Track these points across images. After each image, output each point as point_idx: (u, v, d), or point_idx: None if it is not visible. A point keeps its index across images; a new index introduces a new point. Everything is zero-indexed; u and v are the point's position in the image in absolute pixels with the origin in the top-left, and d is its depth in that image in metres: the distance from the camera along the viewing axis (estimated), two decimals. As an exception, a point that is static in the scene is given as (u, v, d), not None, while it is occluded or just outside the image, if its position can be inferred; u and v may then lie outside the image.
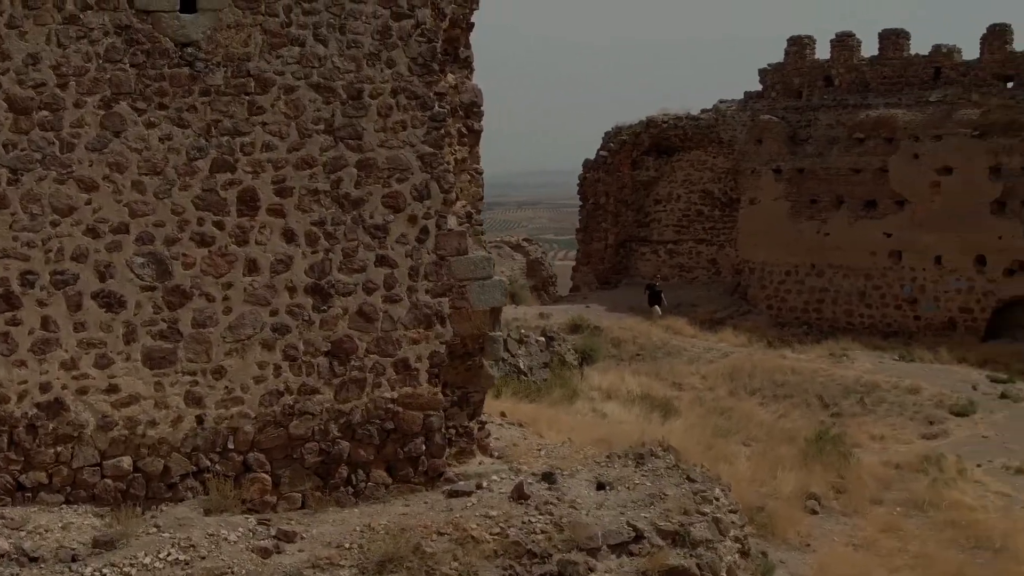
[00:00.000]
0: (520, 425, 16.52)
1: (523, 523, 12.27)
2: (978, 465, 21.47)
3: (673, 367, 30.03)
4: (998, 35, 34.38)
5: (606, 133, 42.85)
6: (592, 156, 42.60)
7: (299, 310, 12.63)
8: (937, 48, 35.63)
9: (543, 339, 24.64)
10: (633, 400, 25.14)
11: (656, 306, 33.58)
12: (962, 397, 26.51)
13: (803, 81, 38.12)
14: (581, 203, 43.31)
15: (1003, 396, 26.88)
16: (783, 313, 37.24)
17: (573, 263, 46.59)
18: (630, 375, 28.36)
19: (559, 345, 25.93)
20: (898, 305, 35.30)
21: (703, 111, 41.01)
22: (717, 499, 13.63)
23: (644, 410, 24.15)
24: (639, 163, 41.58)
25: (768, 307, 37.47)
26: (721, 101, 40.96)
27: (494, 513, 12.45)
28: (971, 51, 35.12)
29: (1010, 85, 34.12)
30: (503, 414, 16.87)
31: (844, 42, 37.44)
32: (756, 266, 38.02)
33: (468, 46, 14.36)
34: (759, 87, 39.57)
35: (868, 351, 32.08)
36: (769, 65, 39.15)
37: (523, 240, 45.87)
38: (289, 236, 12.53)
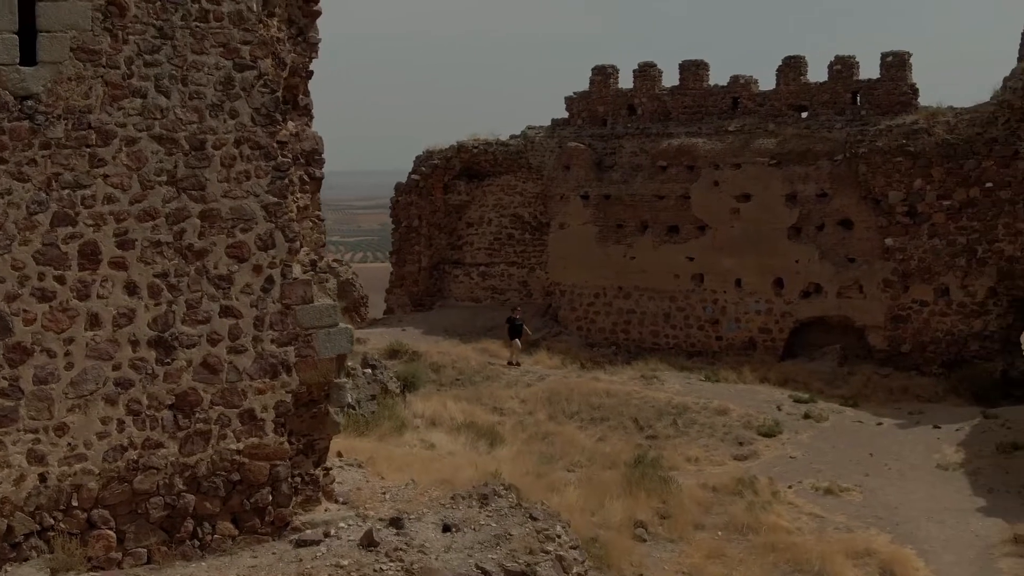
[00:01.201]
0: (359, 466, 16.62)
1: (374, 571, 12.44)
2: (789, 486, 22.59)
3: (493, 392, 30.44)
4: (793, 67, 36.17)
5: (417, 157, 43.14)
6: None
7: (142, 364, 12.51)
8: (735, 79, 37.22)
9: (369, 370, 24.74)
10: (458, 428, 25.48)
11: (516, 339, 33.85)
12: (768, 418, 27.75)
13: (608, 109, 39.25)
14: (394, 226, 43.46)
15: (806, 416, 28.25)
16: (592, 334, 38.24)
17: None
18: (452, 401, 28.67)
19: (381, 373, 26.05)
20: (701, 326, 36.71)
21: (512, 136, 41.73)
22: (559, 536, 14.09)
23: (470, 439, 24.52)
24: (451, 187, 42.01)
25: (578, 328, 38.42)
26: (529, 127, 41.76)
27: (345, 562, 12.57)
28: (767, 82, 36.89)
29: (804, 115, 35.90)
30: (340, 454, 16.93)
31: (646, 72, 38.73)
32: (566, 288, 38.94)
33: (307, 93, 14.46)
34: (566, 114, 40.51)
35: (676, 372, 33.20)
36: (575, 93, 40.15)
37: (333, 261, 45.57)
38: (131, 289, 12.39)
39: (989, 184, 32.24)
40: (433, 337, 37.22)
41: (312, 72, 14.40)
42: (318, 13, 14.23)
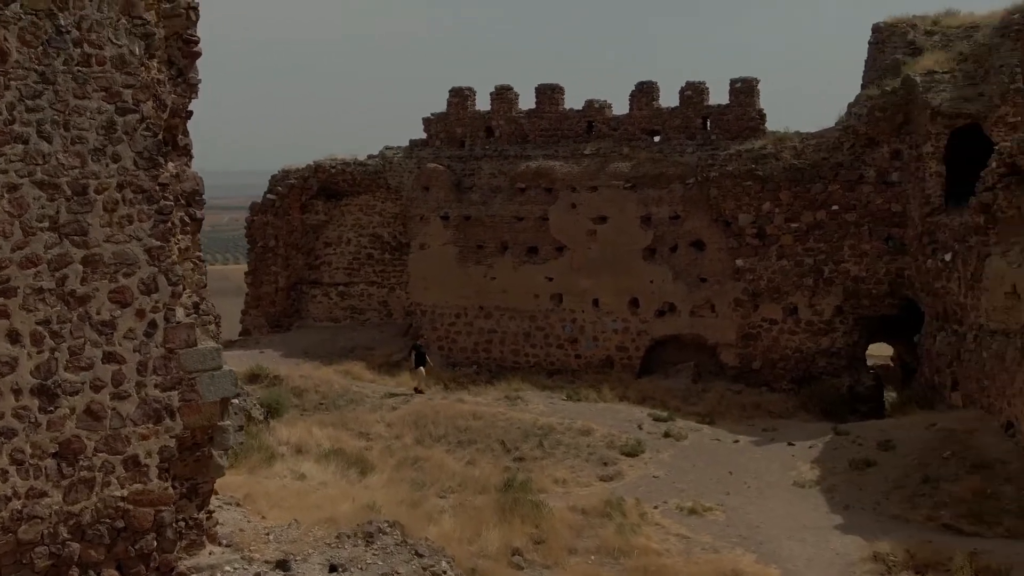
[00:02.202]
0: (238, 504, 16.54)
1: (265, 615, 12.49)
2: (655, 507, 23.18)
3: (358, 416, 30.42)
4: (645, 92, 37.13)
5: (273, 176, 42.83)
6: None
7: (25, 412, 12.30)
8: (590, 103, 38.01)
9: (235, 402, 24.48)
10: (327, 455, 25.43)
11: (421, 367, 33.71)
12: (631, 437, 28.40)
13: (465, 131, 39.65)
14: (250, 246, 43.03)
15: (667, 435, 29.01)
16: (454, 353, 38.55)
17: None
18: (317, 427, 28.59)
19: (244, 400, 25.85)
20: (560, 345, 37.36)
21: (370, 157, 41.75)
22: (444, 572, 14.35)
23: (340, 467, 24.52)
24: (308, 207, 41.82)
25: (440, 348, 38.65)
26: (387, 148, 41.86)
27: (235, 607, 12.58)
28: (621, 106, 37.73)
29: (657, 139, 36.91)
30: (215, 492, 16.82)
31: (503, 95, 39.25)
32: (427, 308, 39.16)
33: (186, 133, 14.39)
34: (423, 135, 40.74)
35: (538, 391, 33.71)
36: (432, 114, 40.42)
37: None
38: (14, 337, 12.18)
39: (835, 207, 33.73)
40: (293, 359, 36.99)
41: (191, 112, 14.36)
42: (198, 54, 14.19)
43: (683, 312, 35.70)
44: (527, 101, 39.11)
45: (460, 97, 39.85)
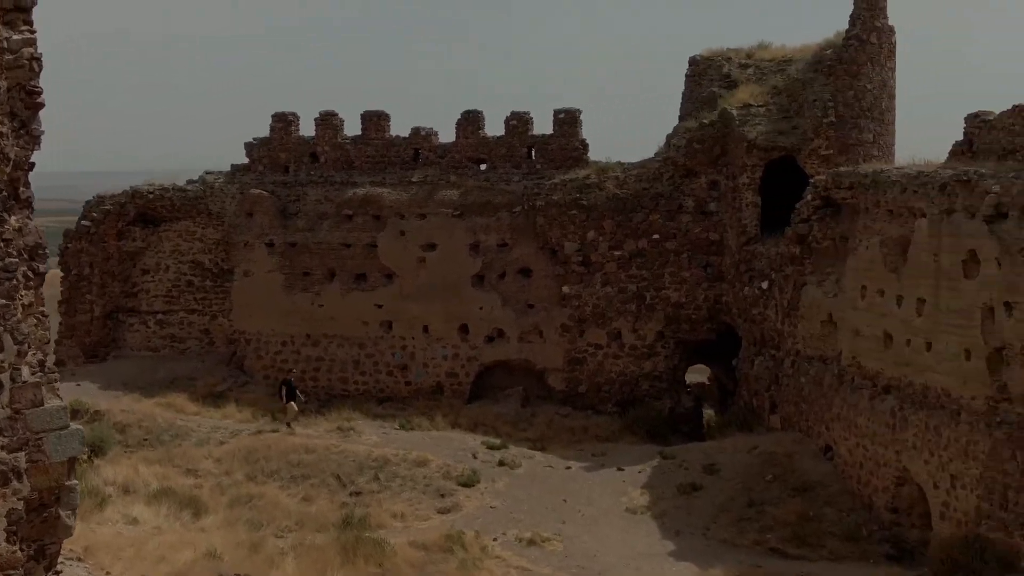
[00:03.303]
0: (79, 559, 16.08)
1: None
2: (495, 539, 23.51)
3: (185, 451, 29.80)
4: (471, 121, 37.51)
5: (87, 203, 41.43)
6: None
7: None
8: (416, 130, 38.16)
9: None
10: (156, 496, 24.88)
11: (292, 402, 32.91)
12: (466, 467, 28.66)
13: (290, 156, 39.23)
14: (63, 274, 41.51)
15: (501, 463, 29.38)
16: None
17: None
18: (143, 465, 27.96)
19: (67, 440, 24.99)
20: (390, 372, 37.32)
21: (189, 182, 40.84)
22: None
23: (172, 509, 24.03)
24: (125, 233, 40.61)
25: (265, 377, 38.07)
26: (208, 172, 41.06)
27: (90, 674, 12.26)
28: (447, 134, 37.97)
29: (483, 167, 37.33)
30: (56, 547, 16.29)
31: (328, 121, 39.01)
32: (252, 337, 38.56)
33: (28, 185, 13.94)
34: (246, 160, 40.10)
35: (370, 420, 33.59)
36: (255, 139, 39.86)
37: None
38: None
39: (656, 236, 34.83)
40: (112, 392, 35.86)
41: (34, 164, 13.93)
42: (41, 105, 13.77)
43: (512, 338, 36.19)
44: (353, 127, 38.97)
45: (284, 122, 39.41)
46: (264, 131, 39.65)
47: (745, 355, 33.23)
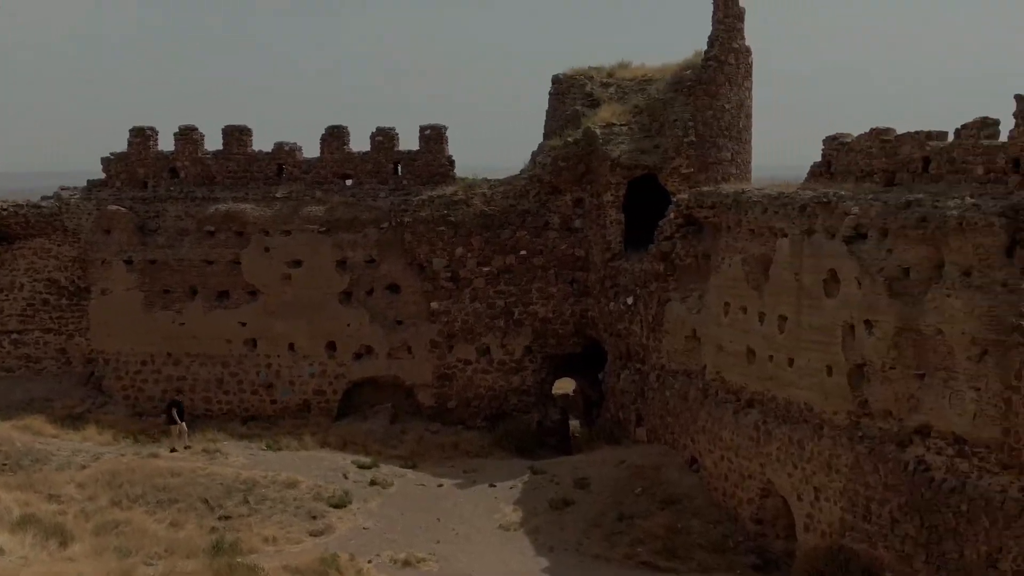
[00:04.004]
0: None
1: None
2: (369, 561, 23.47)
3: (46, 476, 28.94)
4: (336, 136, 37.28)
5: (-65, 219, 39.89)
6: None
7: None
8: (280, 145, 37.74)
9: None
10: (20, 524, 24.22)
11: (180, 423, 31.85)
12: (337, 488, 28.48)
13: (148, 172, 38.37)
14: (-92, 294, 39.85)
15: (373, 483, 29.28)
16: (141, 402, 37.17)
17: None
18: (3, 491, 27.17)
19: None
20: (255, 391, 36.79)
21: (44, 198, 39.64)
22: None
23: (38, 538, 23.43)
24: (-24, 251, 39.22)
25: (125, 397, 37.21)
26: (63, 188, 39.93)
27: None
28: (311, 150, 37.72)
29: (349, 183, 37.15)
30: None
31: (188, 135, 38.27)
32: (111, 356, 37.61)
33: None
34: (103, 175, 39.13)
35: (236, 441, 33.05)
36: (112, 154, 38.91)
37: None
38: None
39: (523, 252, 35.22)
40: (-35, 417, 34.62)
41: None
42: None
43: (380, 354, 36.09)
44: (214, 142, 38.38)
45: (142, 137, 38.55)
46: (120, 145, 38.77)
47: (611, 369, 33.82)
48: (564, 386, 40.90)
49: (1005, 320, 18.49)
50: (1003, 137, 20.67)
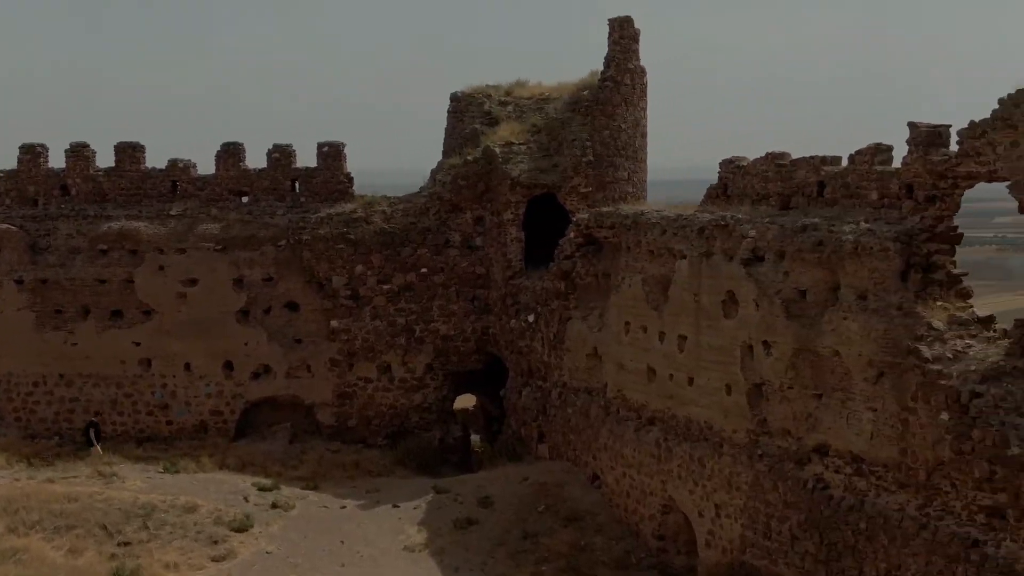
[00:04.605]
0: None
1: None
2: (273, 587, 23.29)
3: (-64, 504, 28.14)
4: (232, 153, 36.85)
5: None
6: None
7: None
8: (174, 162, 37.20)
9: None
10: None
11: (97, 445, 30.98)
12: (238, 511, 28.16)
13: (39, 189, 37.50)
14: None
15: (274, 506, 28.99)
16: (33, 424, 36.32)
17: None
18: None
19: None
20: (150, 411, 36.16)
21: (-71, 215, 38.55)
22: None
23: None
24: None
25: (17, 419, 36.32)
26: (-49, 206, 38.82)
27: None
28: (207, 167, 37.23)
29: (245, 200, 36.77)
30: None
31: (79, 152, 37.47)
32: (2, 378, 36.64)
33: None
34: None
35: (132, 463, 32.44)
36: (0, 172, 37.99)
37: None
38: None
39: (424, 270, 35.27)
40: None
41: None
42: None
43: (279, 373, 35.78)
44: (106, 159, 37.65)
45: (32, 154, 37.67)
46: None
47: (513, 386, 34.05)
48: (463, 399, 41.00)
49: (901, 343, 19.11)
50: (897, 163, 21.37)
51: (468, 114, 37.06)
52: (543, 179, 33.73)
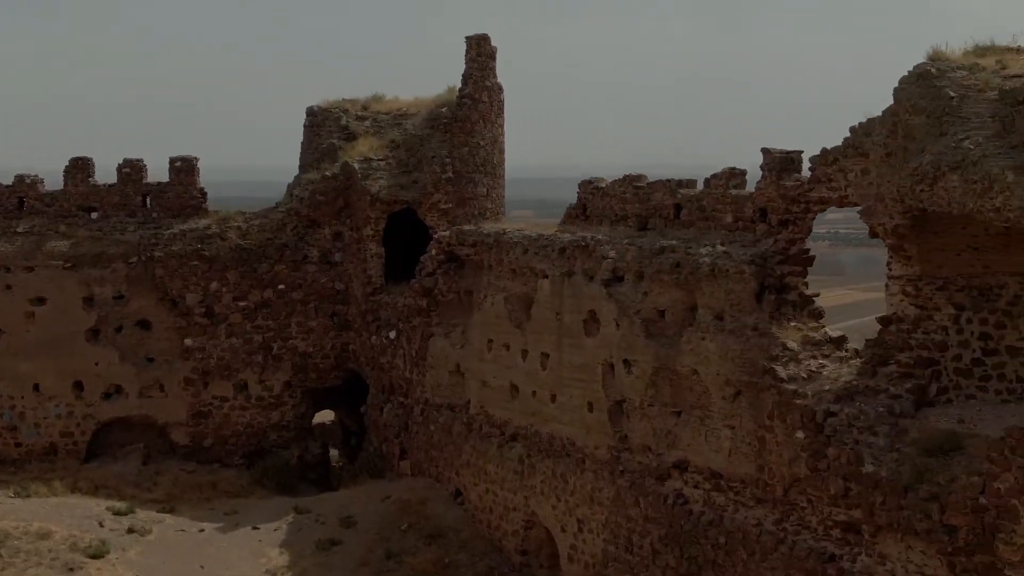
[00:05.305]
0: None
1: None
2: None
3: None
4: (81, 168, 35.86)
5: None
6: None
7: None
8: (20, 178, 36.07)
9: None
10: None
11: None
12: (94, 537, 27.41)
13: None
14: None
15: (130, 530, 28.26)
16: None
17: None
18: None
19: None
20: (-1, 433, 35.06)
21: None
22: None
23: None
24: None
25: None
26: None
27: None
28: (54, 182, 36.16)
29: (95, 216, 35.82)
30: None
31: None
32: None
33: None
34: None
35: (-20, 488, 31.45)
36: None
37: None
38: None
39: (282, 286, 34.89)
40: None
41: None
42: None
43: (131, 393, 34.90)
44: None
45: None
46: None
47: (374, 402, 33.96)
48: (322, 414, 40.70)
49: (757, 363, 19.79)
50: (751, 187, 22.11)
51: (325, 128, 36.81)
52: (403, 195, 33.75)
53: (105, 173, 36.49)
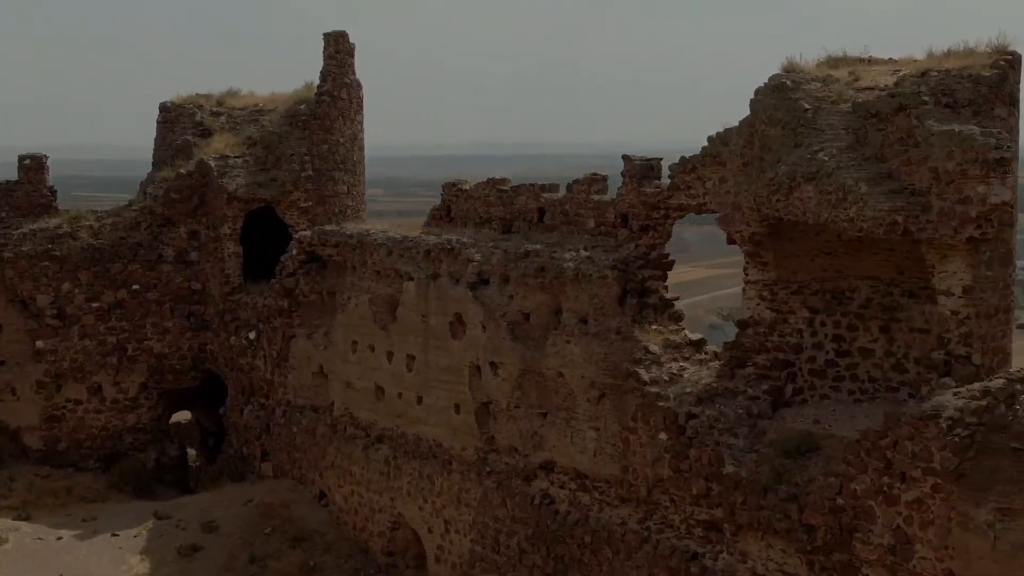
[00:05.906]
0: None
1: None
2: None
3: None
4: None
5: None
6: None
7: None
8: None
9: None
10: None
11: None
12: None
13: None
14: None
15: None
16: None
17: None
18: None
19: None
20: None
21: None
22: None
23: None
24: None
25: None
26: None
27: None
28: None
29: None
30: None
31: None
32: None
33: None
34: None
35: None
36: None
37: None
38: None
39: (136, 286, 34.16)
40: None
41: None
42: None
43: (-20, 398, 33.92)
44: None
45: None
46: None
47: (234, 404, 33.56)
48: (179, 415, 40.04)
49: (620, 366, 20.30)
50: (612, 192, 22.62)
51: (179, 124, 36.15)
52: (261, 193, 33.37)
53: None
